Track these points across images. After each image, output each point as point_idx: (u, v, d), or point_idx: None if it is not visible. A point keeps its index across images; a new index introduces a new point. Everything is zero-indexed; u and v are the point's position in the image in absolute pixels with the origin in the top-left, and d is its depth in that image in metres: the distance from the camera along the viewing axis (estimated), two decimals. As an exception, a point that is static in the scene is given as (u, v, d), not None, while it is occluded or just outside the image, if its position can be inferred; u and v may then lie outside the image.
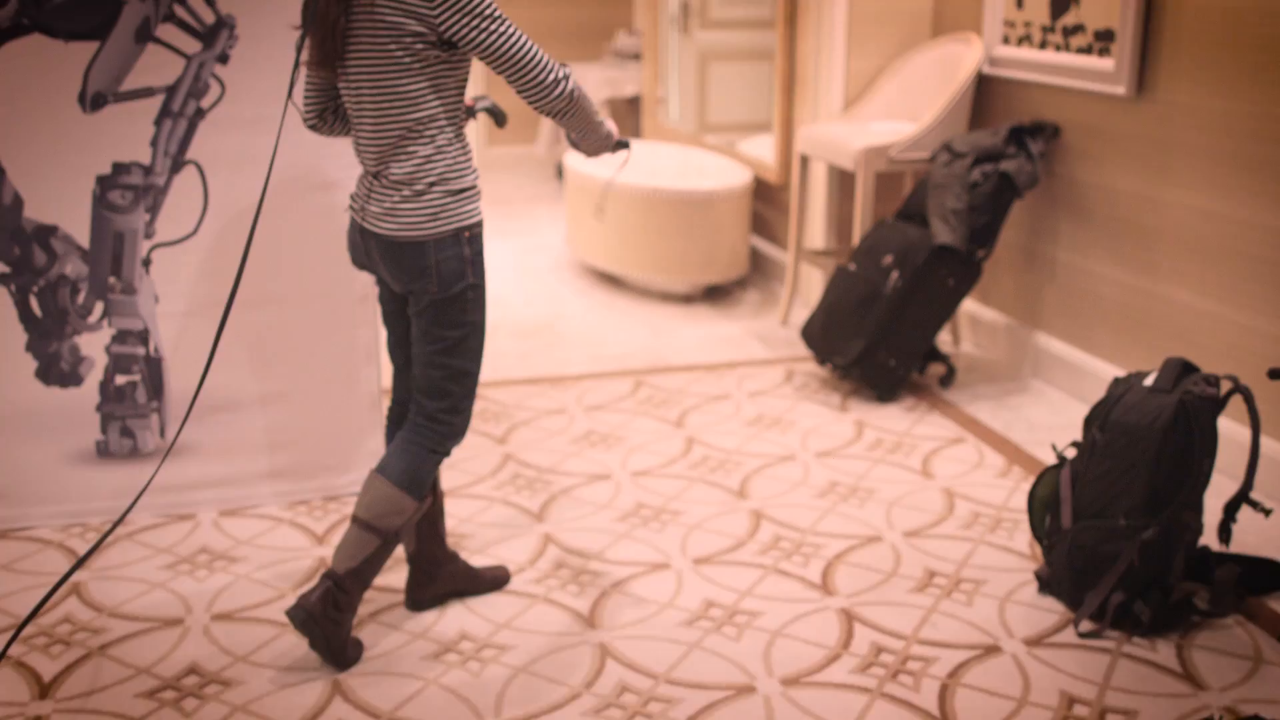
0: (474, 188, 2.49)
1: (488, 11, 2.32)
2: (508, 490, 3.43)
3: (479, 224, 2.51)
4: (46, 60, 2.97)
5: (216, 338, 2.52)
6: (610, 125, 2.65)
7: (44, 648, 2.65)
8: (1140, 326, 3.83)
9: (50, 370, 3.15)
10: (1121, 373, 3.84)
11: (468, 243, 2.48)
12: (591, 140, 2.62)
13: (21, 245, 3.07)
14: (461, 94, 2.46)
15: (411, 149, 2.40)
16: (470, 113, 2.71)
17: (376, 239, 2.48)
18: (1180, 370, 2.76)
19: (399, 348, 2.68)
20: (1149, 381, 2.78)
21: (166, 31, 3.03)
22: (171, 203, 3.13)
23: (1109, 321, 3.97)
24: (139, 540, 3.13)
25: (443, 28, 2.31)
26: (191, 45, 3.05)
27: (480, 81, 7.65)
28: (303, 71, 2.51)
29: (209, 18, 3.04)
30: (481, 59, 2.35)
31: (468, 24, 2.31)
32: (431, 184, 2.42)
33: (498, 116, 2.89)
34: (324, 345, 3.28)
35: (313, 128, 2.62)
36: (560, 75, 2.40)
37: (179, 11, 3.02)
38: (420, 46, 2.32)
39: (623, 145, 2.72)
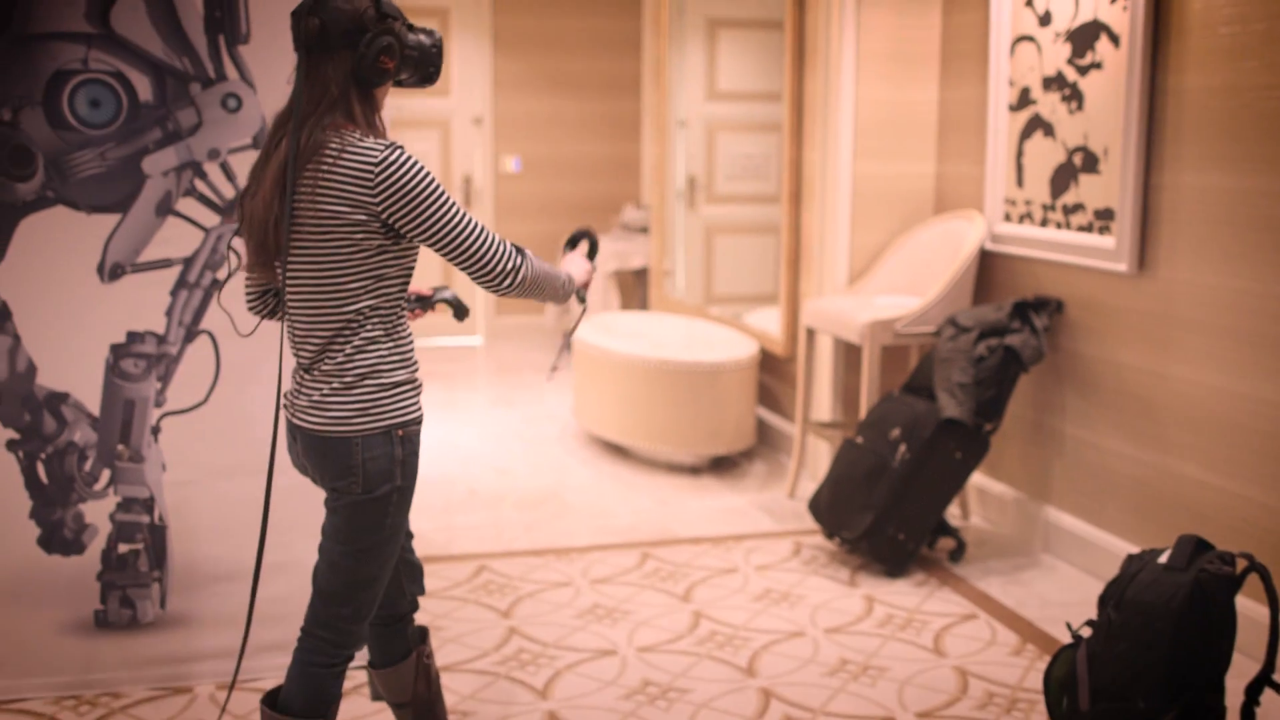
0: (411, 382, 2.34)
1: (433, 197, 2.21)
2: (511, 665, 3.36)
3: (415, 421, 2.34)
4: (68, 231, 3.03)
5: (266, 506, 2.40)
6: (570, 272, 2.53)
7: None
8: (1151, 502, 3.80)
9: (53, 538, 3.13)
10: (1134, 549, 3.79)
11: (400, 442, 2.30)
12: (555, 299, 2.49)
13: (32, 412, 3.08)
14: (405, 284, 2.34)
15: (345, 339, 2.27)
16: (428, 304, 2.63)
17: (302, 434, 2.32)
18: (1194, 548, 2.72)
19: None
20: (1163, 559, 2.74)
21: (186, 205, 3.10)
22: (183, 371, 3.15)
23: (1119, 496, 3.94)
24: (133, 714, 3.06)
25: (386, 215, 2.20)
26: (210, 218, 3.11)
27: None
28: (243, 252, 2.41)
29: (229, 192, 3.11)
30: (429, 247, 2.24)
31: (412, 211, 2.20)
32: (362, 376, 2.27)
33: (458, 309, 2.76)
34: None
35: (253, 310, 2.48)
36: (511, 265, 2.29)
37: (199, 186, 3.09)
38: (361, 236, 2.21)
39: (580, 299, 2.60)
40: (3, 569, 3.10)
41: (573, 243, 2.69)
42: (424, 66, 2.37)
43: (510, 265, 2.29)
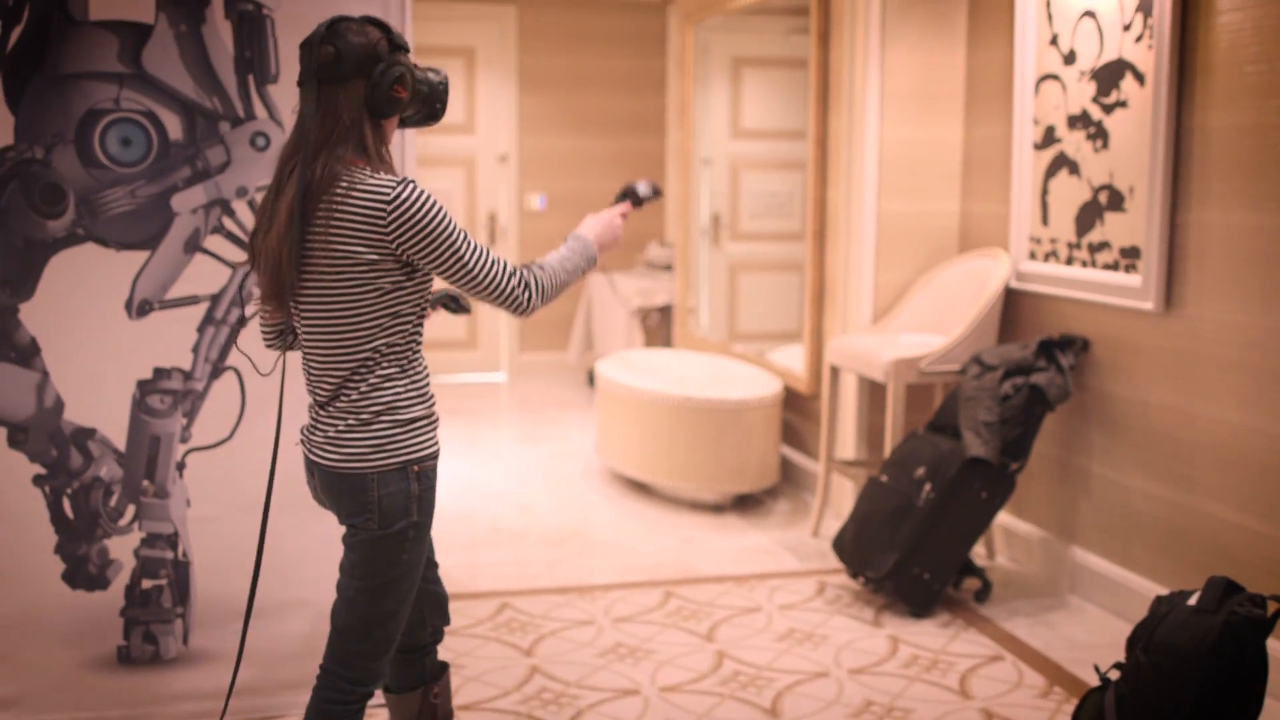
0: (427, 418, 2.34)
1: (446, 231, 2.23)
2: (533, 705, 3.34)
3: (431, 457, 2.35)
4: (97, 268, 3.06)
5: (260, 542, 2.43)
6: (586, 237, 2.50)
7: None
8: (1179, 542, 3.77)
9: (77, 573, 3.14)
10: (1162, 590, 3.75)
11: (416, 477, 2.31)
12: (581, 277, 2.50)
13: (59, 447, 3.10)
14: (420, 320, 2.35)
15: (360, 377, 2.29)
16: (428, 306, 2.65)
17: (319, 470, 2.35)
18: (1225, 589, 2.69)
19: None
20: (1193, 601, 2.71)
21: (214, 242, 3.12)
22: (209, 407, 3.16)
23: (1147, 537, 3.90)
24: (155, 751, 3.05)
25: (400, 250, 2.22)
26: (237, 255, 3.13)
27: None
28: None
29: (256, 230, 3.13)
30: (444, 278, 2.27)
31: (427, 245, 2.22)
32: (378, 413, 2.28)
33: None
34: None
35: (271, 346, 2.52)
36: (525, 290, 2.31)
37: (227, 223, 3.12)
38: (376, 275, 2.23)
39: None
40: (27, 604, 3.11)
41: (621, 197, 2.66)
42: (431, 102, 2.40)
43: (523, 290, 2.32)
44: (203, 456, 3.18)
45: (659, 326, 7.44)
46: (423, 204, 2.21)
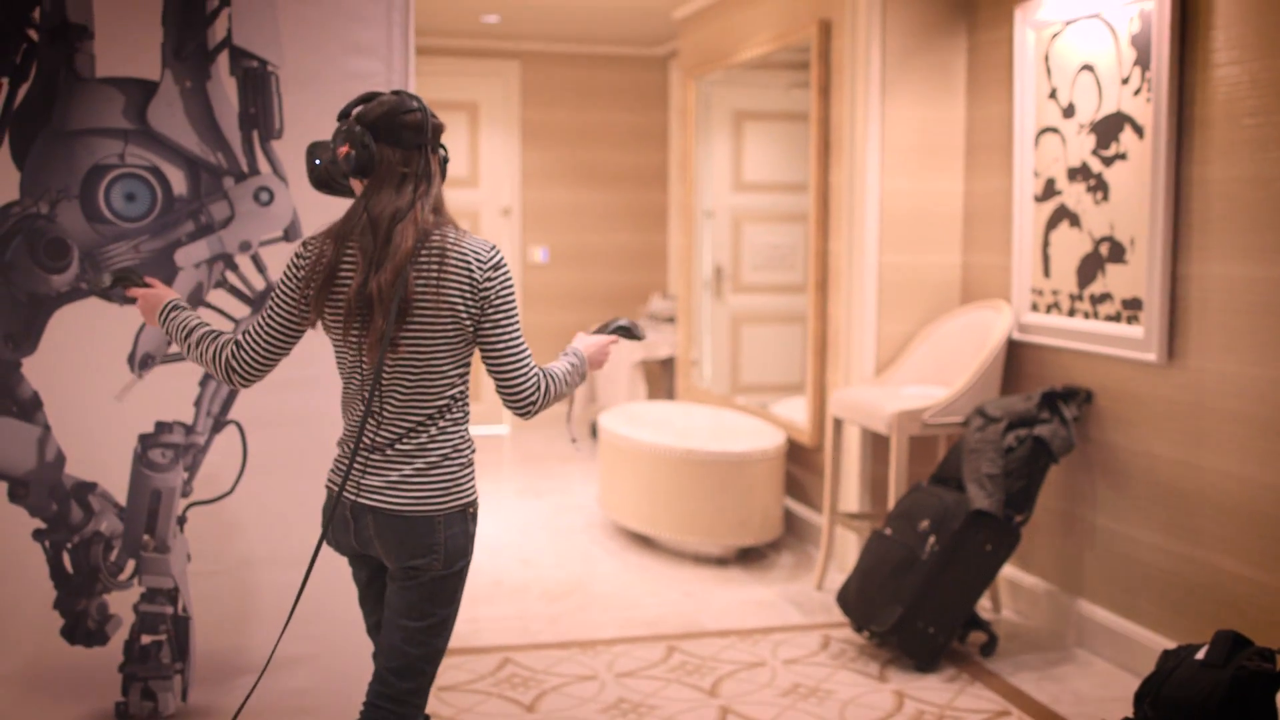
0: (473, 462, 2.44)
1: (514, 304, 2.37)
2: (535, 761, 3.31)
3: (477, 499, 2.45)
4: (100, 323, 3.07)
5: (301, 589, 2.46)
6: (578, 350, 2.56)
7: None
8: (1186, 595, 3.74)
9: (76, 629, 3.12)
10: (1170, 644, 3.72)
11: (472, 519, 2.42)
12: (570, 392, 2.54)
13: (60, 501, 3.09)
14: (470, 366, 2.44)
15: (432, 421, 2.36)
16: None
17: (375, 514, 2.37)
18: (1232, 643, 2.67)
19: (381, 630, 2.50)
20: (1200, 655, 2.69)
21: (217, 296, 3.13)
22: (210, 461, 3.16)
23: (1153, 589, 3.88)
24: (152, 810, 3.02)
25: (480, 305, 2.32)
26: (241, 310, 3.14)
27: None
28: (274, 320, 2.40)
29: (259, 284, 3.15)
30: (488, 347, 2.34)
31: (499, 309, 2.34)
32: (445, 455, 2.37)
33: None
34: (355, 607, 3.23)
35: (246, 380, 2.43)
36: (539, 392, 2.38)
37: (231, 278, 3.13)
38: (467, 324, 2.33)
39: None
40: (25, 660, 3.09)
41: (605, 329, 2.71)
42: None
43: (536, 391, 2.39)
44: (204, 511, 3.17)
45: (662, 378, 7.45)
46: (507, 272, 2.37)
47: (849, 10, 4.85)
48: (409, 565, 2.37)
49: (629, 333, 2.71)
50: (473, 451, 2.43)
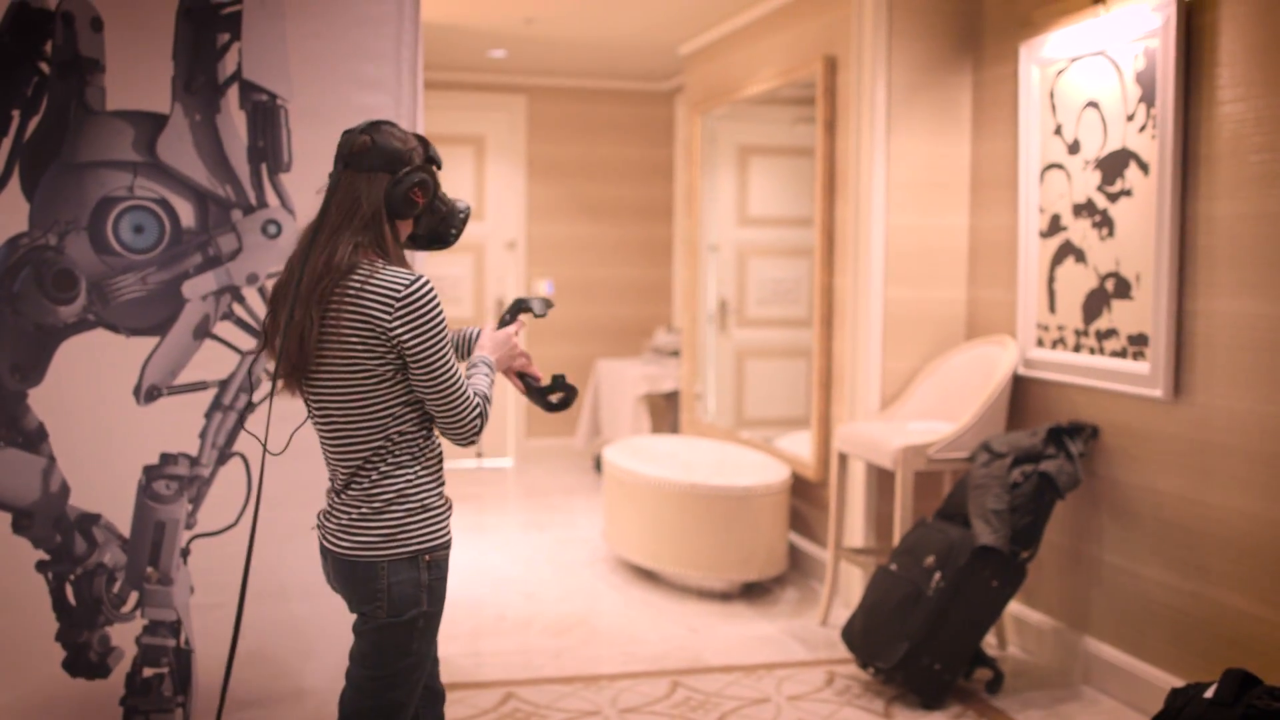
0: (439, 507, 2.34)
1: (441, 338, 2.24)
2: (538, 798, 3.28)
3: (442, 546, 2.34)
4: (107, 354, 3.07)
5: (236, 627, 2.42)
6: (486, 359, 2.48)
7: None
8: (1194, 633, 3.72)
9: (78, 661, 3.10)
10: (1178, 682, 3.69)
11: (426, 567, 2.30)
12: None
13: (63, 533, 3.08)
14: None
15: (373, 465, 2.29)
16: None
17: (331, 557, 2.35)
18: (1242, 682, 2.65)
19: None
20: (1210, 694, 2.67)
21: (223, 329, 3.13)
22: (214, 493, 3.15)
23: (1161, 627, 3.85)
24: (152, 845, 3.00)
25: (396, 340, 2.21)
26: (246, 342, 3.15)
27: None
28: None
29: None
30: (417, 383, 2.25)
31: (420, 342, 2.22)
32: (390, 501, 2.28)
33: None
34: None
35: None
36: (478, 425, 2.30)
37: (238, 310, 3.13)
38: (379, 365, 2.23)
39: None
40: (27, 692, 3.07)
41: (506, 316, 2.63)
42: (445, 225, 2.44)
43: (478, 419, 2.30)
44: (208, 543, 3.16)
45: (666, 412, 7.44)
46: (433, 303, 2.24)
47: (854, 46, 4.87)
48: (359, 611, 2.34)
49: (528, 307, 2.59)
50: (435, 494, 2.34)
